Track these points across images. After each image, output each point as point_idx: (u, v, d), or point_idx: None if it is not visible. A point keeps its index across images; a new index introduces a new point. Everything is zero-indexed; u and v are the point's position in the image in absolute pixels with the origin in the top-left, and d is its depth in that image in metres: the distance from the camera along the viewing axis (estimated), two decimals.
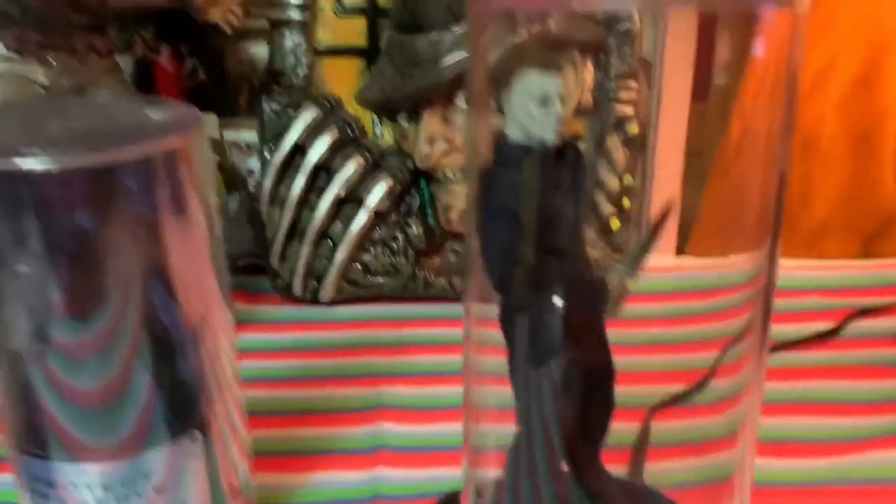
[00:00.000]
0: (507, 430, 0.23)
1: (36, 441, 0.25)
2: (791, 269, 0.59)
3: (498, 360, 0.23)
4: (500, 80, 0.18)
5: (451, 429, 0.38)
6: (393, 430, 0.38)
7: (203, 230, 0.25)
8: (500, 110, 0.19)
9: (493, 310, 0.22)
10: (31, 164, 0.20)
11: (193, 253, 0.25)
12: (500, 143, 0.19)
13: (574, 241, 0.20)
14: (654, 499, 0.29)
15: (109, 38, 0.43)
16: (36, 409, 0.24)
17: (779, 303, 0.55)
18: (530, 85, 0.18)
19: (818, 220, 0.59)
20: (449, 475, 0.34)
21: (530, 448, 0.21)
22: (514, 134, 0.19)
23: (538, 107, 0.18)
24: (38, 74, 0.41)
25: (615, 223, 0.43)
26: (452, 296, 0.55)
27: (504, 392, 0.23)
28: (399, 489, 0.34)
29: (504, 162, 0.19)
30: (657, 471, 0.33)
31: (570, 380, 0.20)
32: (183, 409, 0.26)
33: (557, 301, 0.19)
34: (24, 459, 0.25)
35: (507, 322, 0.21)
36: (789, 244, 0.61)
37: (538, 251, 0.19)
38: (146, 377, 0.24)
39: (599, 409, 0.22)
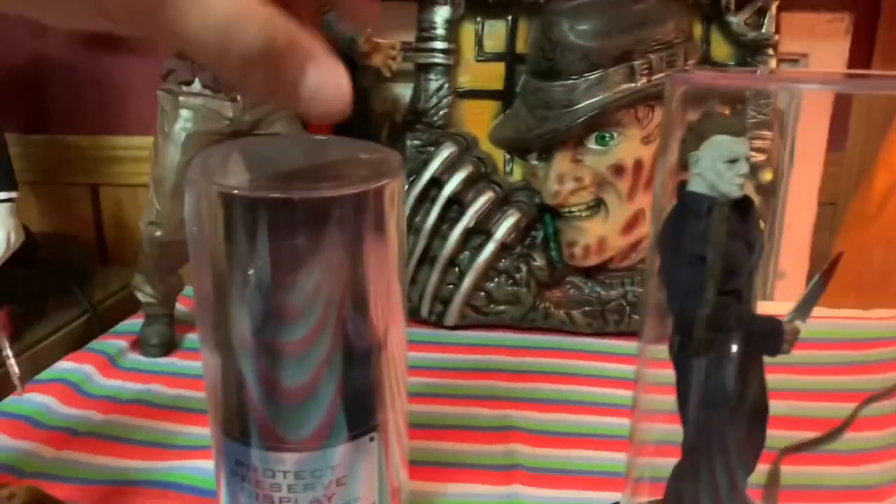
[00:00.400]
0: (661, 462, 0.25)
1: (242, 429, 0.29)
2: None
3: (658, 398, 0.25)
4: (689, 141, 0.21)
5: (578, 454, 0.41)
6: (525, 451, 0.41)
7: (396, 253, 0.28)
8: (684, 167, 0.22)
9: (656, 350, 0.25)
10: (276, 194, 0.25)
11: (387, 272, 0.28)
12: (688, 195, 0.21)
13: (750, 286, 0.22)
14: None
15: None
16: (245, 400, 0.28)
17: None
18: (722, 147, 0.20)
19: None
20: (581, 497, 0.36)
21: (695, 475, 0.23)
22: (698, 188, 0.21)
23: (727, 166, 0.21)
24: (227, 109, 0.47)
25: None
26: (570, 328, 0.57)
27: (661, 428, 0.25)
28: None
29: (693, 212, 0.21)
30: None
31: (738, 417, 0.22)
32: (364, 412, 0.29)
33: (736, 342, 0.22)
34: (229, 444, 0.29)
35: (680, 357, 0.23)
36: None
37: (722, 293, 0.21)
38: (337, 379, 0.28)
39: (755, 443, 0.24)
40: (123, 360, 0.52)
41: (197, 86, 0.46)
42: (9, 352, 0.35)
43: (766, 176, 0.54)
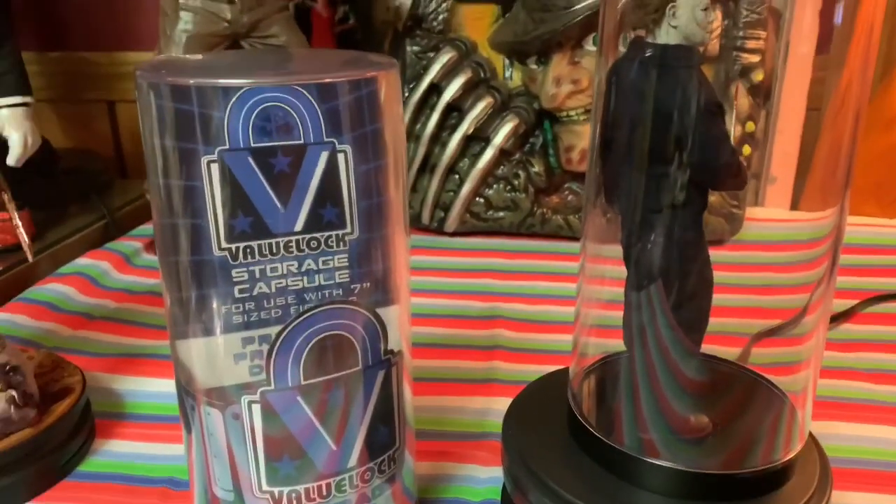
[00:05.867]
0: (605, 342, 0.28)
1: None
2: None
3: (603, 289, 0.28)
4: None
5: (555, 338, 0.42)
6: (507, 335, 0.43)
7: (399, 147, 0.24)
8: (644, 24, 0.22)
9: (605, 249, 0.27)
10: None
11: (392, 169, 0.24)
12: (673, 48, 0.22)
13: None
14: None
15: None
16: None
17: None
18: None
19: None
20: (550, 370, 0.38)
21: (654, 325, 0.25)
22: (673, 40, 0.22)
23: (704, 14, 0.22)
24: (225, 11, 0.48)
25: None
26: (567, 233, 0.58)
27: (603, 314, 0.28)
28: (510, 377, 0.38)
29: (682, 65, 0.22)
30: None
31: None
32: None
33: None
34: None
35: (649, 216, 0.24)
36: None
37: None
38: None
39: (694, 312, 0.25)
40: (138, 259, 0.55)
41: None
42: (17, 221, 0.38)
43: (758, 76, 0.54)
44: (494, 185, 0.58)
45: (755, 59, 0.49)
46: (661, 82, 0.23)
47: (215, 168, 0.22)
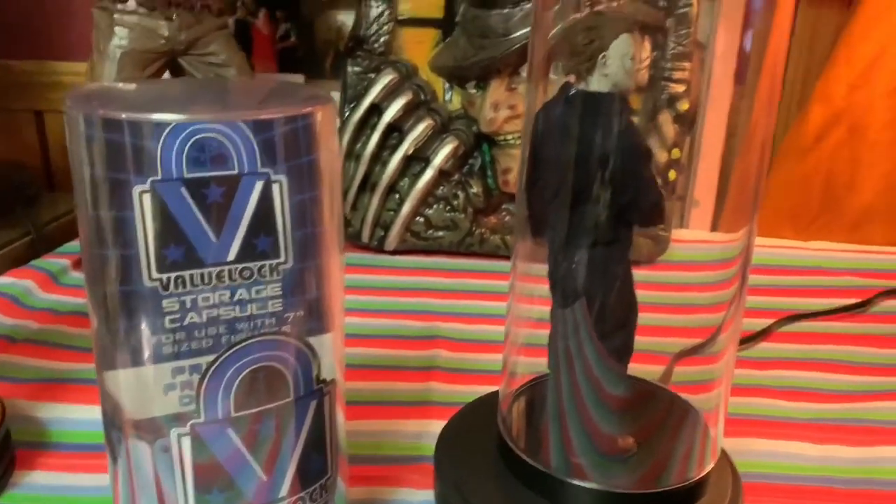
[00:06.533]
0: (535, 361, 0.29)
1: None
2: (831, 251, 0.61)
3: (532, 308, 0.29)
4: (594, 44, 0.23)
5: (493, 358, 0.43)
6: (446, 355, 0.43)
7: (335, 178, 0.25)
8: (577, 72, 0.24)
9: (535, 268, 0.28)
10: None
11: (327, 199, 0.24)
12: (603, 96, 0.23)
13: None
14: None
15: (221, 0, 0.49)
16: None
17: (814, 280, 0.59)
18: (626, 45, 0.23)
19: (863, 207, 0.61)
20: (486, 391, 0.39)
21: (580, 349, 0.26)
22: (604, 87, 0.23)
23: (632, 63, 0.23)
24: (163, 28, 0.47)
25: None
26: (505, 253, 0.60)
27: (533, 333, 0.29)
28: (446, 398, 0.39)
29: (610, 112, 0.23)
30: None
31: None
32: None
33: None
34: None
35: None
36: (833, 229, 0.63)
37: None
38: None
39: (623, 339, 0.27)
40: (65, 278, 0.53)
41: (132, 3, 0.46)
42: None
43: (683, 106, 0.57)
44: (434, 205, 0.59)
45: (681, 88, 0.52)
46: (591, 127, 0.24)
47: (147, 198, 0.22)
